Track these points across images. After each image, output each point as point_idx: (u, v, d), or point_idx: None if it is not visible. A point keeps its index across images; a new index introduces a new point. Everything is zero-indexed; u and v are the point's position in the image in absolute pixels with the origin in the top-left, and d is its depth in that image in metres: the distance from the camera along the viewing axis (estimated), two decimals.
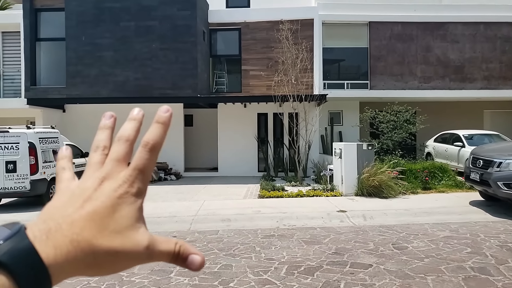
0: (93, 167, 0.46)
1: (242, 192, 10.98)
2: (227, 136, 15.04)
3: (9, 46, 15.03)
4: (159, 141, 0.46)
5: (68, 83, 13.33)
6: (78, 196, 0.44)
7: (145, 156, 0.45)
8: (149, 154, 0.46)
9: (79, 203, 0.43)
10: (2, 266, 0.36)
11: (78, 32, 13.25)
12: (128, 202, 0.44)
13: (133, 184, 0.44)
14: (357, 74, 15.27)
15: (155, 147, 0.46)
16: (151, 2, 13.06)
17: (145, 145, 0.46)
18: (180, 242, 0.45)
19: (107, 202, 0.43)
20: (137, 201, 0.44)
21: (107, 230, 0.42)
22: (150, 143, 0.46)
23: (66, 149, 0.51)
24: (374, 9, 14.65)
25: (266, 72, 14.26)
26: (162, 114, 0.48)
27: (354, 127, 14.89)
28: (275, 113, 14.44)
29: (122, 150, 0.46)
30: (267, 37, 14.49)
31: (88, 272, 0.42)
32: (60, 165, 0.49)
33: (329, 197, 9.85)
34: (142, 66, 13.09)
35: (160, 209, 8.80)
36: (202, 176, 14.70)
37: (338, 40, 14.96)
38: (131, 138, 0.47)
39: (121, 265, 0.43)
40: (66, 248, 0.40)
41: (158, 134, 0.47)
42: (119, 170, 0.45)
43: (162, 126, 0.47)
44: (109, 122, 0.49)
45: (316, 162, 13.36)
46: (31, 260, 0.37)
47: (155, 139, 0.46)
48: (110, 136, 0.49)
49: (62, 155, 0.50)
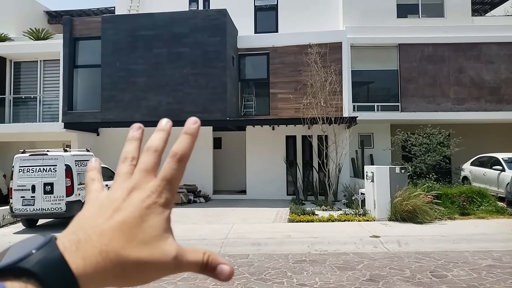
0: (122, 177, 0.47)
1: (272, 216, 10.89)
2: (256, 158, 15.08)
3: (49, 73, 15.81)
4: (187, 152, 0.47)
5: (102, 108, 13.82)
6: (107, 206, 0.44)
7: (173, 166, 0.46)
8: (177, 164, 0.46)
9: (108, 213, 0.43)
10: (34, 276, 0.36)
11: (113, 59, 13.81)
12: (156, 213, 0.44)
13: (161, 194, 0.45)
14: (387, 96, 15.10)
15: (183, 158, 0.46)
16: (182, 29, 13.51)
17: (174, 155, 0.46)
18: (209, 252, 0.45)
19: (136, 212, 0.43)
20: (165, 211, 0.44)
21: (135, 241, 0.42)
22: (178, 154, 0.46)
23: (95, 161, 0.52)
24: (403, 31, 14.58)
25: (295, 95, 14.34)
26: (191, 126, 0.48)
27: (386, 150, 14.62)
28: (304, 136, 14.42)
29: (150, 160, 0.47)
30: (295, 60, 14.64)
31: (116, 282, 0.42)
32: (90, 176, 0.50)
33: (362, 222, 9.61)
34: (174, 90, 13.44)
35: (190, 231, 8.83)
36: (231, 199, 14.72)
37: (367, 63, 14.92)
38: (159, 148, 0.48)
39: (150, 276, 0.43)
40: (95, 259, 0.40)
41: (186, 145, 0.47)
42: (148, 181, 0.45)
43: (190, 137, 0.48)
44: (137, 134, 0.50)
45: (347, 186, 13.14)
46: (61, 271, 0.38)
47: (183, 150, 0.47)
48: (138, 147, 0.49)
49: (91, 167, 0.51)
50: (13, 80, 15.95)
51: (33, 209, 9.18)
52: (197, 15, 13.87)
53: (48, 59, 15.65)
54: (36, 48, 15.47)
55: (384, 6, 15.51)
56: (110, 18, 14.43)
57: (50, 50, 15.21)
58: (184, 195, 13.71)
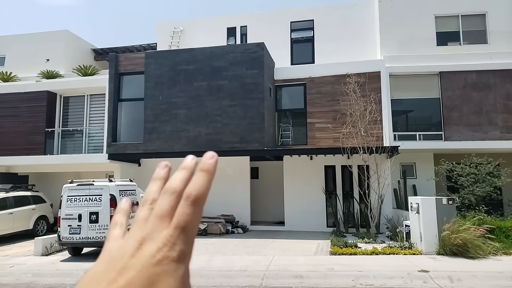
0: (138, 224, 0.42)
1: (312, 248, 10.67)
2: (294, 189, 14.97)
3: (95, 107, 16.67)
4: (203, 192, 0.42)
5: (145, 139, 14.32)
6: (115, 264, 0.39)
7: (187, 211, 0.40)
8: (192, 208, 0.41)
9: (113, 275, 0.38)
10: None
11: (155, 92, 14.41)
12: (168, 271, 0.38)
13: (174, 246, 0.39)
14: (429, 125, 14.75)
15: (198, 200, 0.41)
16: (222, 63, 13.97)
17: (187, 197, 0.41)
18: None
19: (144, 272, 0.37)
20: (179, 267, 0.38)
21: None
22: (192, 195, 0.41)
23: (126, 202, 0.48)
24: (445, 59, 14.38)
25: (333, 125, 14.30)
26: (207, 161, 0.44)
27: (430, 181, 14.12)
28: (344, 166, 14.23)
29: (166, 204, 0.41)
30: (332, 90, 14.70)
31: None
32: (114, 220, 0.45)
33: (408, 255, 9.22)
34: (213, 122, 13.76)
35: (230, 262, 8.79)
36: (269, 230, 14.58)
37: (406, 91, 14.73)
38: (178, 189, 0.42)
39: None
40: None
41: (202, 184, 0.42)
42: (161, 229, 0.40)
43: (206, 174, 0.43)
44: (162, 173, 0.46)
45: (390, 218, 12.73)
46: None
47: (199, 190, 0.41)
48: (161, 188, 0.44)
49: (119, 209, 0.47)
50: (62, 114, 16.91)
51: (79, 237, 9.50)
52: (236, 49, 14.33)
53: (94, 93, 16.55)
54: (84, 84, 16.43)
55: (423, 34, 15.43)
56: (153, 54, 15.16)
57: (96, 85, 16.11)
58: (222, 225, 13.74)
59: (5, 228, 12.76)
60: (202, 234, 13.35)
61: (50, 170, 16.60)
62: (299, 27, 17.62)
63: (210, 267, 8.39)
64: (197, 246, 6.85)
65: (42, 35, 20.22)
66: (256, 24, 17.86)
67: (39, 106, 16.20)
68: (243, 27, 18.16)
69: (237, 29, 18.22)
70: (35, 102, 16.25)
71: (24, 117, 16.21)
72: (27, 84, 16.91)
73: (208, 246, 11.08)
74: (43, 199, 14.75)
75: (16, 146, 16.01)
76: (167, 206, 0.41)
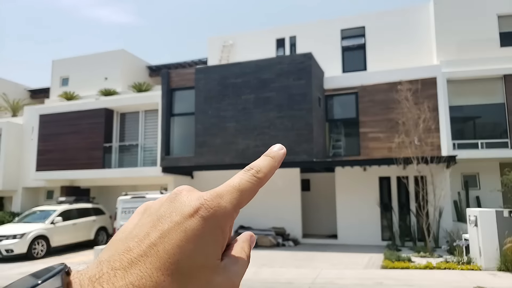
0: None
1: (363, 262, 10.74)
2: (346, 201, 15.03)
3: (149, 122, 17.96)
4: (264, 170, 0.44)
5: (196, 152, 15.19)
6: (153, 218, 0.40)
7: (245, 177, 0.43)
8: (250, 177, 0.43)
9: (148, 226, 0.39)
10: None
11: (205, 106, 15.28)
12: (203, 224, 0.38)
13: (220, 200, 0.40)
14: (493, 132, 14.21)
15: (258, 172, 0.44)
16: (269, 75, 14.54)
17: (249, 169, 0.44)
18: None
19: (180, 225, 0.38)
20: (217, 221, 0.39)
21: (175, 273, 0.36)
22: (254, 169, 0.44)
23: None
24: (509, 61, 13.86)
25: (386, 134, 14.25)
26: (273, 150, 0.47)
27: (497, 192, 13.55)
28: (399, 177, 14.10)
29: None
30: (386, 98, 14.65)
31: None
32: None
33: (465, 271, 9.04)
34: (261, 134, 14.32)
35: (277, 274, 9.17)
36: (321, 244, 14.74)
37: (466, 97, 14.34)
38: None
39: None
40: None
41: (265, 164, 0.45)
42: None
43: (271, 159, 0.45)
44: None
45: (450, 231, 12.42)
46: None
47: (260, 166, 0.44)
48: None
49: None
50: (119, 129, 18.38)
51: None
52: (283, 60, 14.84)
53: (148, 109, 17.84)
54: (138, 100, 17.77)
55: (483, 36, 14.96)
56: (202, 69, 16.11)
57: (150, 101, 17.36)
58: (272, 238, 14.14)
59: (69, 238, 14.13)
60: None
61: (108, 183, 18.08)
62: (350, 35, 17.77)
63: (256, 279, 8.82)
64: None
65: (100, 55, 22.15)
66: (305, 34, 18.28)
67: (97, 123, 17.76)
68: (292, 37, 18.66)
69: (286, 40, 18.75)
70: (94, 119, 17.84)
71: (84, 133, 17.83)
72: (87, 102, 18.62)
73: (257, 258, 11.53)
74: (103, 211, 16.11)
75: (78, 161, 17.63)
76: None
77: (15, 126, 19.86)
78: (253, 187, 0.42)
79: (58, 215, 13.89)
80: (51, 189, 19.89)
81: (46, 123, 18.56)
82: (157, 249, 0.36)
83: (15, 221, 14.28)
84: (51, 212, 13.99)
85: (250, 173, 0.43)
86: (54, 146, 18.06)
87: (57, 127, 18.26)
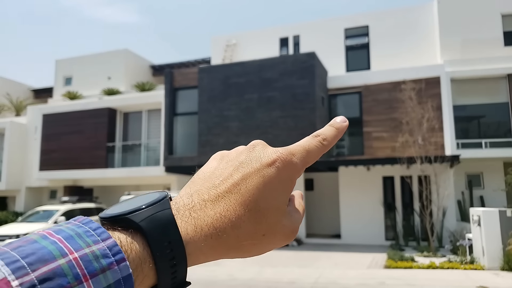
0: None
1: (367, 262, 10.78)
2: (350, 201, 15.07)
3: (152, 121, 18.06)
4: (329, 138, 0.49)
5: (199, 152, 15.27)
6: (233, 162, 0.45)
7: (313, 142, 0.48)
8: (316, 142, 0.48)
9: (229, 170, 0.44)
10: (140, 232, 0.36)
11: (208, 106, 15.36)
12: (278, 174, 0.44)
13: (292, 157, 0.45)
14: (497, 131, 14.22)
15: (323, 140, 0.49)
16: (272, 74, 14.59)
17: (316, 135, 0.49)
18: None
19: (259, 171, 0.43)
20: (287, 175, 0.44)
21: (253, 210, 0.42)
22: (320, 136, 0.49)
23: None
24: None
25: (390, 134, 14.28)
26: (338, 121, 0.51)
27: (501, 191, 13.58)
28: (403, 176, 14.13)
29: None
30: (389, 98, 14.67)
31: (229, 254, 0.42)
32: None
33: (467, 271, 9.08)
34: (264, 133, 14.37)
35: (280, 274, 9.23)
36: (324, 244, 14.78)
37: (469, 96, 14.35)
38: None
39: (267, 249, 0.44)
40: (208, 229, 0.39)
41: (330, 133, 0.50)
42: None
43: (335, 129, 0.50)
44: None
45: (453, 231, 12.45)
46: (169, 233, 0.37)
47: (326, 134, 0.49)
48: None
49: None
50: (122, 129, 18.49)
51: None
52: (286, 60, 14.89)
53: (151, 109, 17.93)
54: (141, 100, 17.87)
55: (487, 35, 14.96)
56: (206, 68, 16.18)
57: (153, 101, 17.45)
58: None
59: None
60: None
61: (112, 183, 18.19)
62: (353, 34, 17.79)
63: (259, 278, 8.88)
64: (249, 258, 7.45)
65: (104, 54, 22.28)
66: (308, 33, 18.31)
67: (100, 122, 17.87)
68: (296, 36, 18.69)
69: (290, 39, 18.79)
70: (97, 119, 17.96)
71: (88, 133, 17.95)
72: (90, 101, 18.74)
73: (260, 258, 11.58)
74: None
75: (81, 160, 17.75)
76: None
77: (18, 126, 20.01)
78: (318, 151, 0.48)
79: (61, 215, 13.99)
80: (54, 189, 20.04)
81: (50, 122, 18.70)
82: (240, 188, 0.42)
83: (18, 221, 14.40)
84: (54, 212, 14.09)
85: (317, 139, 0.48)
86: (57, 146, 18.18)
87: (60, 127, 18.39)
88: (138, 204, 0.38)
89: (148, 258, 0.35)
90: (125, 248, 0.35)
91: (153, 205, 0.38)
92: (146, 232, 0.36)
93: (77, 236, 0.32)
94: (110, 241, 0.33)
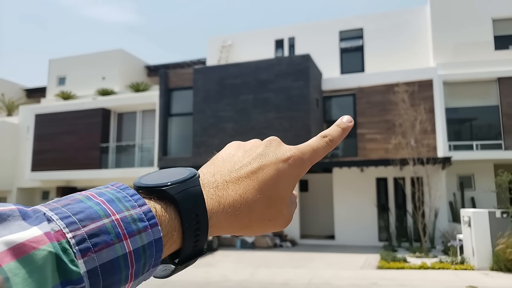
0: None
1: (360, 262, 11.03)
2: (344, 202, 15.32)
3: (147, 122, 18.19)
4: (335, 138, 0.54)
5: (193, 153, 15.43)
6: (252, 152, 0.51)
7: (321, 142, 0.53)
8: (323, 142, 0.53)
9: (248, 159, 0.50)
10: (174, 203, 0.41)
11: (203, 107, 15.53)
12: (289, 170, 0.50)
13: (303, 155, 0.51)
14: (488, 134, 14.57)
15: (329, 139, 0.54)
16: (267, 76, 14.82)
17: (324, 136, 0.54)
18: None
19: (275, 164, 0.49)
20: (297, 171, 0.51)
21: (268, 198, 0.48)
22: (327, 137, 0.54)
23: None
24: (503, 64, 14.20)
25: (383, 135, 14.56)
26: (344, 121, 0.56)
27: (491, 193, 13.90)
28: (396, 178, 14.42)
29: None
30: (383, 100, 14.96)
31: (241, 231, 0.48)
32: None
33: (458, 271, 9.36)
34: (259, 134, 14.57)
35: (273, 275, 9.43)
36: (318, 244, 15.02)
37: (461, 99, 14.69)
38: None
39: (270, 230, 0.50)
40: (229, 207, 0.45)
41: (335, 133, 0.54)
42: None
43: (341, 129, 0.55)
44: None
45: (445, 231, 12.75)
46: (198, 207, 0.42)
47: (332, 134, 0.54)
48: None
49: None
50: (116, 129, 18.59)
51: None
52: (281, 62, 15.12)
53: (146, 109, 18.06)
54: (136, 100, 17.99)
55: (479, 39, 15.30)
56: (201, 69, 16.36)
57: (148, 101, 17.58)
58: (270, 239, 14.40)
59: None
60: (250, 247, 14.10)
61: (105, 184, 18.23)
62: (348, 36, 18.06)
63: (253, 279, 9.08)
64: (243, 259, 7.82)
65: (98, 55, 22.35)
66: (304, 35, 18.55)
67: (94, 123, 17.96)
68: (291, 38, 18.93)
69: (285, 41, 19.02)
70: (91, 119, 18.04)
71: (81, 133, 18.03)
72: (84, 102, 18.81)
73: (254, 259, 11.79)
74: None
75: (74, 161, 17.82)
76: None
77: (10, 126, 20.02)
78: (324, 151, 0.54)
79: None
80: (47, 190, 20.09)
81: (42, 122, 18.74)
82: (257, 176, 0.48)
83: None
84: None
85: (325, 140, 0.54)
86: (50, 146, 18.23)
87: (53, 127, 18.44)
88: (170, 178, 0.43)
89: (177, 227, 0.41)
90: (159, 215, 0.40)
91: (186, 181, 0.43)
92: (179, 205, 0.41)
93: (117, 200, 0.37)
94: (145, 208, 0.38)
